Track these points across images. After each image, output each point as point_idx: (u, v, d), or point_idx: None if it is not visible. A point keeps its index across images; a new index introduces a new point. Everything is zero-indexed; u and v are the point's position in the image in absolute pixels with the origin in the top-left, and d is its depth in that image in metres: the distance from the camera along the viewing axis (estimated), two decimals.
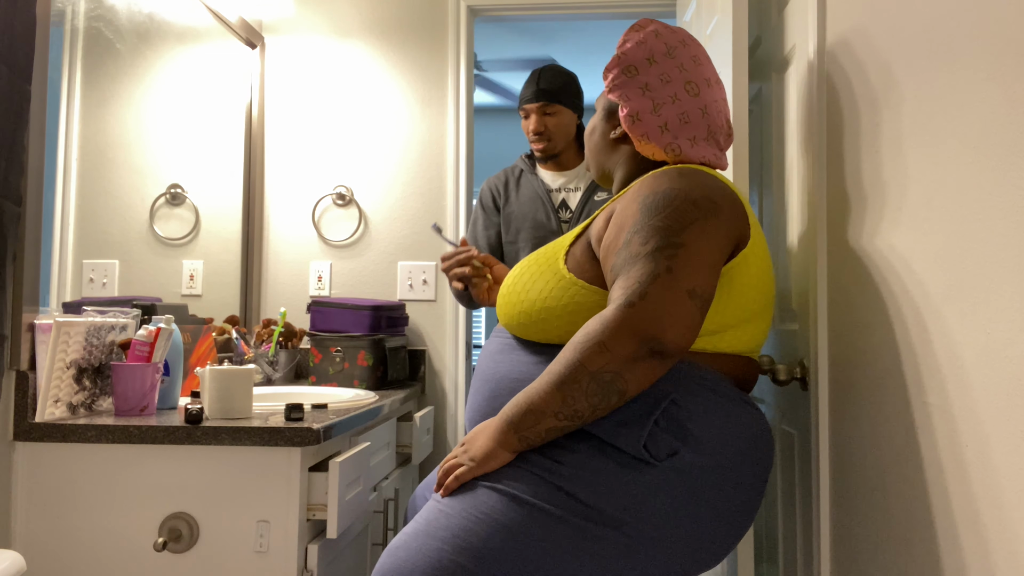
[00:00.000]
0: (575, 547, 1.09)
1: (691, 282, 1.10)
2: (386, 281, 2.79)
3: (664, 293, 1.08)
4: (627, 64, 1.35)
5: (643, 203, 1.18)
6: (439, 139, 2.80)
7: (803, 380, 1.56)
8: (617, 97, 1.36)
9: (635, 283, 1.10)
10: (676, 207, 1.16)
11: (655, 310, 1.07)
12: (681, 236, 1.13)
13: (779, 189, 1.80)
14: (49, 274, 1.71)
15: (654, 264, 1.10)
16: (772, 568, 1.90)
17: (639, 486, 1.11)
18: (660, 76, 1.33)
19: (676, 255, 1.11)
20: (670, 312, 1.07)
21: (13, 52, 1.48)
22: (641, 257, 1.12)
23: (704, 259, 1.12)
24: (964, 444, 0.94)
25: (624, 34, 1.39)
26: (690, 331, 1.09)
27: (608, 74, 1.38)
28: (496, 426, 1.16)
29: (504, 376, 1.26)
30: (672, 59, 1.34)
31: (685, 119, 1.32)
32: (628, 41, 1.37)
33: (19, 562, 1.25)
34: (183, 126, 2.29)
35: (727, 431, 1.16)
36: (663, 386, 1.15)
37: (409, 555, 1.12)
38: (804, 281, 1.57)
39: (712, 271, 1.13)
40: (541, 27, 4.61)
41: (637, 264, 1.11)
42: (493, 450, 1.16)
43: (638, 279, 1.10)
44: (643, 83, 1.33)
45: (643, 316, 1.07)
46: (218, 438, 1.53)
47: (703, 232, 1.14)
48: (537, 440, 1.14)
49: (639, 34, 1.36)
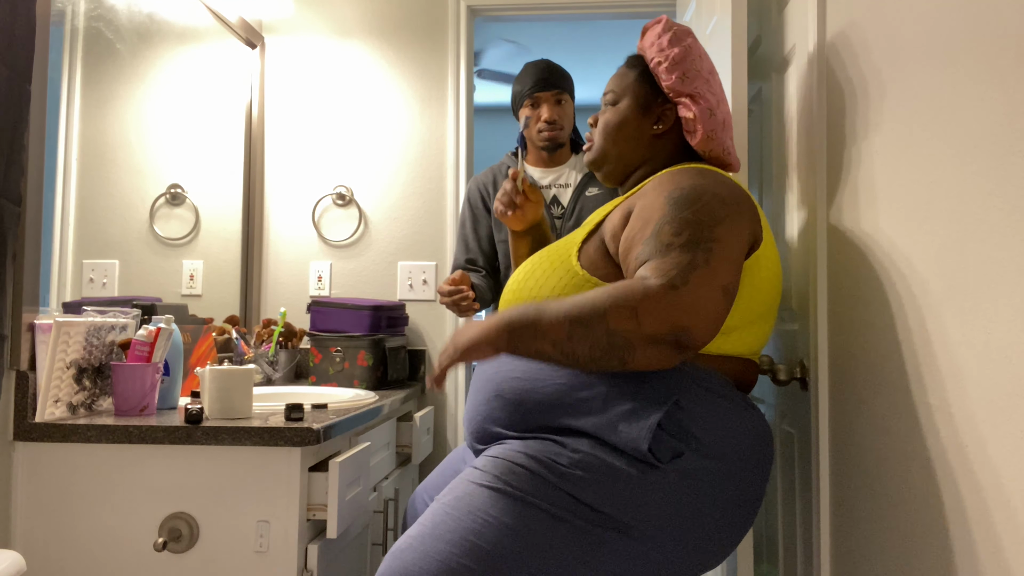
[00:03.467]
0: (581, 550, 1.09)
1: (725, 279, 1.10)
2: (386, 281, 2.79)
3: (702, 286, 1.08)
4: (692, 57, 1.35)
5: (670, 197, 1.19)
6: (439, 139, 2.80)
7: (803, 380, 1.56)
8: (689, 92, 1.34)
9: (675, 269, 1.08)
10: (706, 203, 1.16)
11: (693, 301, 1.06)
12: (714, 232, 1.13)
13: (779, 189, 1.80)
14: (49, 274, 1.71)
15: (692, 255, 1.10)
16: (772, 568, 1.90)
17: (643, 489, 1.11)
18: (712, 73, 1.37)
19: (712, 250, 1.11)
20: (706, 306, 1.07)
21: (13, 52, 1.48)
22: (676, 247, 1.11)
23: (734, 256, 1.13)
24: (964, 444, 0.94)
25: (664, 28, 1.37)
26: (716, 328, 1.09)
27: (676, 69, 1.34)
28: (492, 323, 1.10)
29: (507, 376, 1.25)
30: (708, 58, 1.39)
31: (729, 117, 1.37)
32: (683, 36, 1.36)
33: (19, 562, 1.25)
34: (183, 126, 2.29)
35: (730, 433, 1.16)
36: (666, 388, 1.15)
37: (416, 557, 1.11)
38: (804, 281, 1.57)
39: (739, 269, 1.14)
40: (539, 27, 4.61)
41: (672, 252, 1.10)
42: (478, 342, 1.10)
43: (678, 265, 1.08)
44: (706, 78, 1.35)
45: (682, 303, 1.06)
46: (218, 438, 1.53)
47: (731, 229, 1.15)
48: (524, 354, 1.09)
49: (683, 28, 1.37)
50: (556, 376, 1.20)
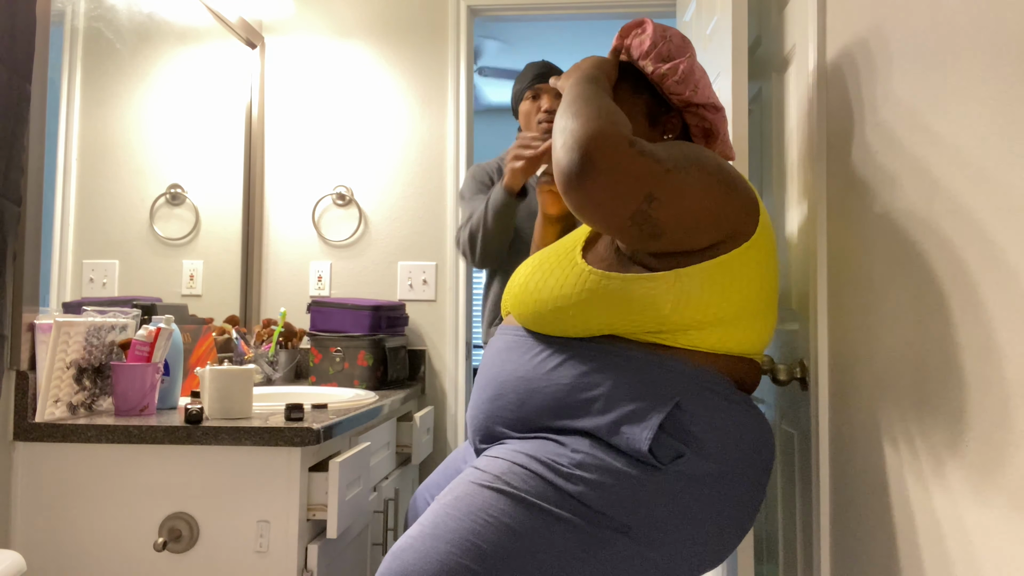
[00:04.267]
0: (581, 550, 1.09)
1: (660, 195, 1.11)
2: (386, 281, 2.79)
3: (641, 170, 1.09)
4: (700, 71, 1.33)
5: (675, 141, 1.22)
6: (439, 139, 2.80)
7: (803, 380, 1.56)
8: (701, 101, 1.33)
9: (649, 146, 1.12)
10: (707, 156, 1.19)
11: (627, 167, 1.09)
12: (694, 169, 1.14)
13: (779, 189, 1.80)
14: (49, 274, 1.71)
15: (667, 156, 1.12)
16: (772, 568, 1.90)
17: (644, 490, 1.11)
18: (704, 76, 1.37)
19: (681, 172, 1.12)
20: (619, 183, 1.09)
21: (13, 52, 1.48)
22: (660, 147, 1.14)
23: (686, 201, 1.13)
24: (965, 444, 0.94)
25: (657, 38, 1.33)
26: (608, 208, 1.10)
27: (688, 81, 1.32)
28: None
29: (511, 374, 1.25)
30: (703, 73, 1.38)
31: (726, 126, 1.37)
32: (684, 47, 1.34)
33: (19, 562, 1.25)
34: (183, 126, 2.29)
35: (731, 434, 1.16)
36: (668, 389, 1.15)
37: (416, 557, 1.11)
38: (804, 281, 1.57)
39: (682, 216, 1.13)
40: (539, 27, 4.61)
41: (656, 146, 1.14)
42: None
43: (649, 146, 1.12)
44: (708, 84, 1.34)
45: (619, 157, 1.08)
46: (218, 438, 1.53)
47: (707, 186, 1.15)
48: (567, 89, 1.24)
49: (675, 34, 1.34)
50: (559, 377, 1.20)
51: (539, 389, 1.21)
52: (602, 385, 1.16)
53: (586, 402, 1.16)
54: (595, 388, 1.17)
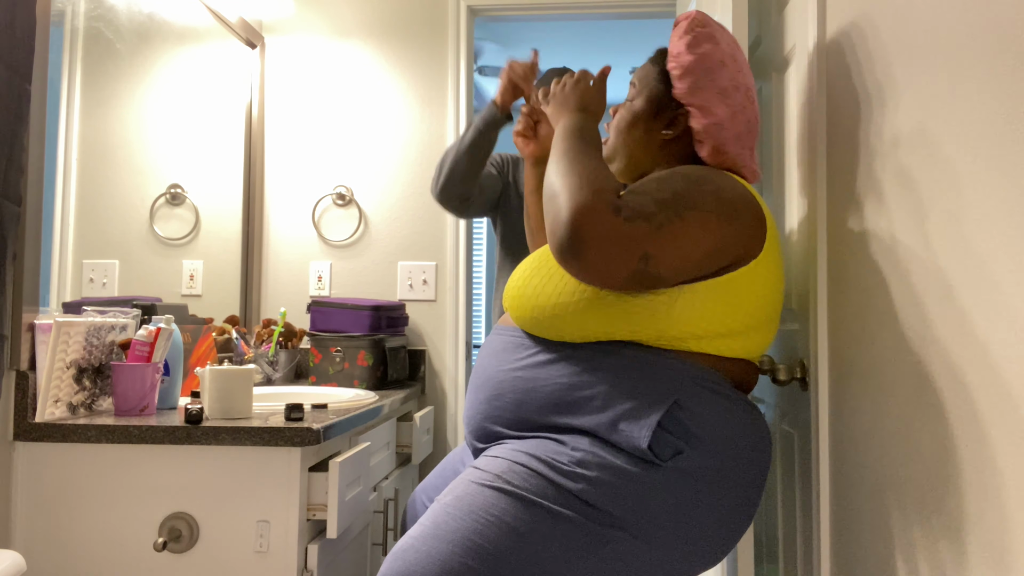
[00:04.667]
0: (582, 548, 1.09)
1: (656, 249, 1.09)
2: (386, 281, 2.79)
3: (636, 236, 1.08)
4: (707, 66, 1.28)
5: (677, 171, 1.20)
6: (439, 139, 2.80)
7: (803, 380, 1.56)
8: (698, 104, 1.28)
9: (635, 207, 1.10)
10: (703, 190, 1.16)
11: (616, 237, 1.07)
12: (688, 213, 1.12)
13: (779, 189, 1.80)
14: (49, 274, 1.71)
15: (657, 210, 1.10)
16: (772, 568, 1.90)
17: (644, 487, 1.11)
18: (732, 81, 1.29)
19: (674, 221, 1.11)
20: (619, 252, 1.07)
21: (13, 52, 1.48)
22: (651, 197, 1.12)
23: (685, 245, 1.11)
24: (965, 444, 0.94)
25: (686, 29, 1.30)
26: (608, 273, 1.08)
27: (687, 77, 1.28)
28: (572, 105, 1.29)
29: (508, 374, 1.25)
30: (736, 62, 1.30)
31: (750, 127, 1.30)
32: (702, 41, 1.28)
33: (19, 562, 1.25)
34: (183, 126, 2.29)
35: (729, 432, 1.16)
36: (666, 387, 1.15)
37: (418, 558, 1.11)
38: (804, 281, 1.57)
39: (683, 263, 1.12)
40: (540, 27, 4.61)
41: (645, 198, 1.12)
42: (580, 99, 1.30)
43: (639, 206, 1.10)
44: (722, 88, 1.28)
45: (605, 228, 1.07)
46: (218, 438, 1.53)
47: (705, 225, 1.13)
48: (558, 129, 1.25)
49: (707, 30, 1.29)
50: (556, 375, 1.20)
51: (537, 388, 1.21)
52: (601, 383, 1.16)
53: (584, 400, 1.16)
54: (594, 386, 1.17)
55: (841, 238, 1.38)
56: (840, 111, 1.39)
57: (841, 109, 1.39)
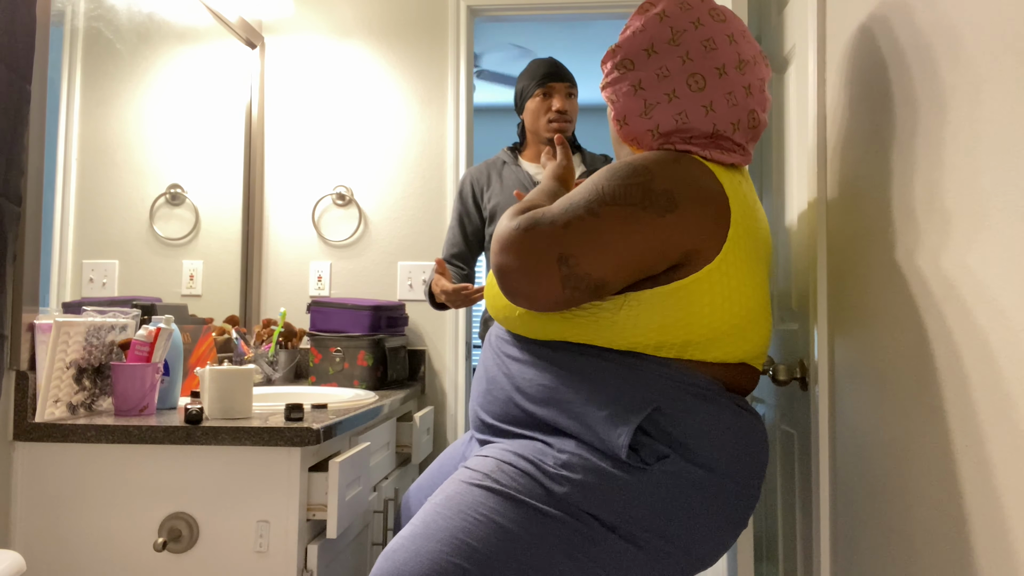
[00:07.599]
0: (572, 547, 1.09)
1: (571, 249, 1.09)
2: (386, 281, 2.79)
3: (538, 242, 1.10)
4: (622, 57, 1.23)
5: (614, 164, 1.17)
6: (439, 139, 2.80)
7: (803, 380, 1.56)
8: (607, 96, 1.26)
9: (542, 213, 1.12)
10: (628, 183, 1.11)
11: (520, 246, 1.10)
12: (605, 208, 1.10)
13: (779, 189, 1.80)
14: (49, 274, 1.71)
15: (564, 210, 1.12)
16: (772, 568, 1.90)
17: (631, 490, 1.10)
18: (658, 71, 1.20)
19: (584, 220, 1.10)
20: (528, 264, 1.10)
21: (13, 52, 1.48)
22: (568, 201, 1.13)
23: (609, 245, 1.09)
24: (965, 444, 0.94)
25: (631, 16, 1.27)
26: (537, 292, 1.11)
27: (603, 67, 1.27)
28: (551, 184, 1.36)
29: (498, 371, 1.27)
30: (676, 47, 1.20)
31: (683, 119, 1.19)
32: (628, 28, 1.25)
33: (19, 562, 1.25)
34: (183, 126, 2.29)
35: (715, 435, 1.14)
36: (647, 393, 1.14)
37: (408, 557, 1.12)
38: (804, 281, 1.57)
39: (614, 260, 1.09)
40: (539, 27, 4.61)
41: (562, 203, 1.13)
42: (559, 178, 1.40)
43: (543, 213, 1.12)
44: (636, 80, 1.21)
45: (514, 240, 1.10)
46: (218, 438, 1.53)
47: (627, 220, 1.09)
48: None
49: (641, 19, 1.24)
50: (539, 377, 1.20)
51: (522, 388, 1.21)
52: (582, 384, 1.16)
53: (566, 403, 1.16)
54: (576, 388, 1.16)
55: (841, 238, 1.38)
56: (840, 111, 1.39)
57: (841, 109, 1.39)
